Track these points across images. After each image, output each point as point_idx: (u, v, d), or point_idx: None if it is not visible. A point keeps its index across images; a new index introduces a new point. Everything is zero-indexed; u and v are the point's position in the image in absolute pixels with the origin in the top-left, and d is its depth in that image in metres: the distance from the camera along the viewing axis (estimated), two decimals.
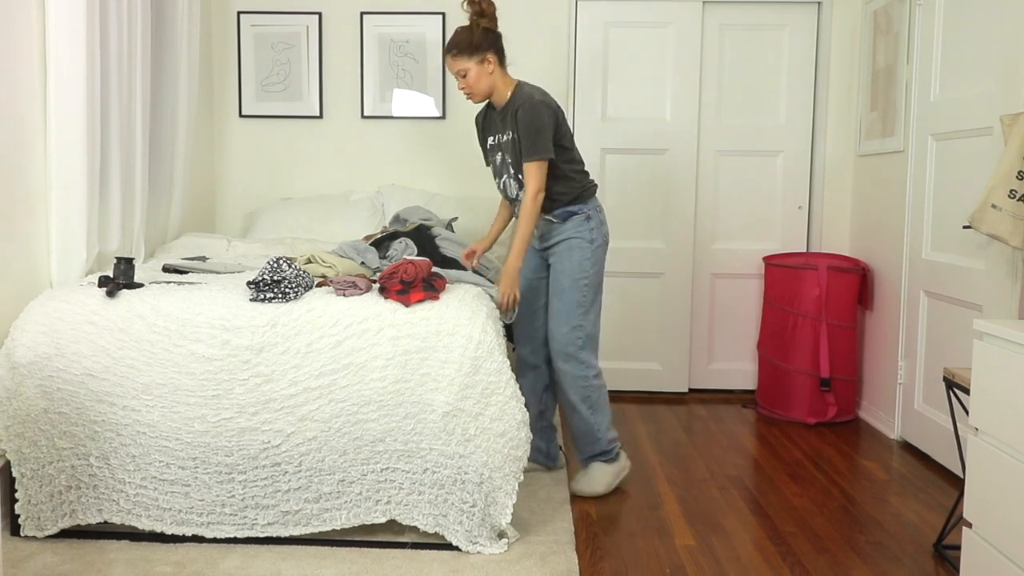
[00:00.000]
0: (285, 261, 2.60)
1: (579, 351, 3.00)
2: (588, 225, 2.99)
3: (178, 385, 2.51)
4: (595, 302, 3.02)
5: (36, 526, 2.55)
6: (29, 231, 2.76)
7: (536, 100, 2.90)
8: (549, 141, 2.89)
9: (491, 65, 2.95)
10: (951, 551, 2.60)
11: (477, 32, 2.93)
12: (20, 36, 2.68)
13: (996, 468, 1.94)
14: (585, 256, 2.99)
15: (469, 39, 2.93)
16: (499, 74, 2.98)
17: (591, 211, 3.01)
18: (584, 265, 2.98)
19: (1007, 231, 2.74)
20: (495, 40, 2.96)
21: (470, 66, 2.93)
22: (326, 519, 2.55)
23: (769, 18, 4.40)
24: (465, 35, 2.94)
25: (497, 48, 2.97)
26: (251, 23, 4.38)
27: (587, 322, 3.00)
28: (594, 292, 3.01)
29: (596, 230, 3.01)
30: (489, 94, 3.01)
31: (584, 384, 3.01)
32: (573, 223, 3.00)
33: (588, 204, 3.02)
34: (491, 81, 2.98)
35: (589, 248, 2.99)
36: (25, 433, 2.52)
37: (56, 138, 2.81)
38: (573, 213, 3.00)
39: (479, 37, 2.93)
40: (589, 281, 2.99)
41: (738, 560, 2.55)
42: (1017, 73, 2.89)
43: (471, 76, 2.95)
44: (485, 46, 2.93)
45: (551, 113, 2.92)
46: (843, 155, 4.42)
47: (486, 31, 2.94)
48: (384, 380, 2.50)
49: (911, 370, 3.68)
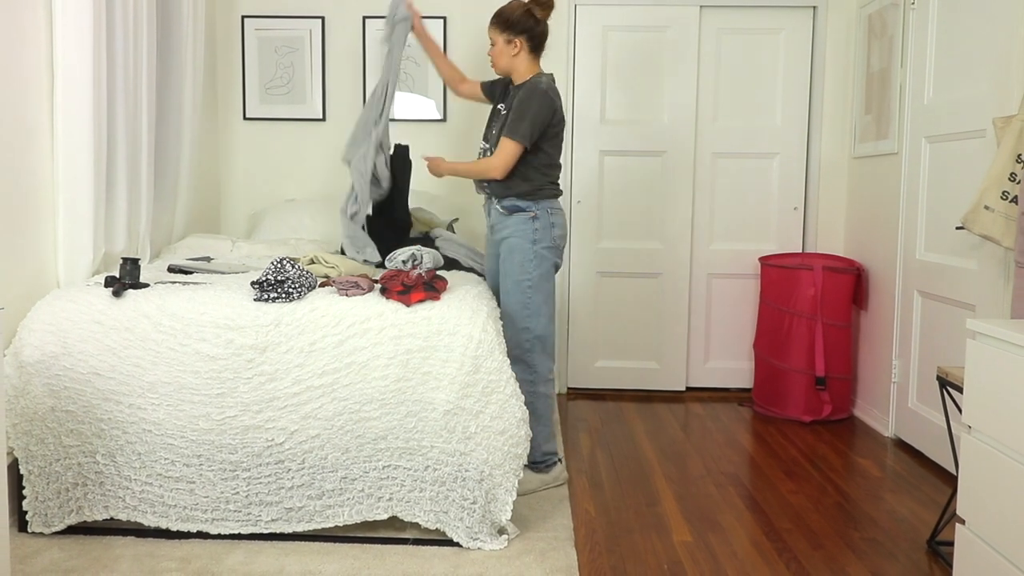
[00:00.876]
0: (288, 261, 2.60)
1: (526, 354, 2.97)
2: (532, 225, 2.95)
3: (183, 383, 2.51)
4: (545, 304, 2.97)
5: (43, 522, 2.55)
6: (36, 232, 2.76)
7: (539, 88, 2.90)
8: (529, 129, 2.88)
9: (517, 48, 2.97)
10: (945, 547, 2.60)
11: (518, 12, 2.96)
12: (28, 40, 2.68)
13: (989, 465, 1.93)
14: (527, 258, 2.94)
15: (508, 16, 2.97)
16: (524, 59, 3.00)
17: (540, 212, 2.96)
18: (527, 267, 2.94)
19: (999, 232, 2.74)
20: (532, 26, 2.96)
21: (498, 40, 2.99)
22: (329, 516, 2.55)
23: (765, 22, 4.40)
24: (508, 11, 2.98)
25: (531, 35, 2.97)
26: (255, 27, 4.37)
27: (535, 324, 2.95)
28: (542, 295, 2.96)
29: (542, 231, 2.95)
30: (507, 72, 3.04)
31: (528, 388, 2.98)
32: (517, 219, 2.96)
33: (539, 204, 2.96)
34: (512, 62, 3.00)
35: (531, 250, 2.94)
36: (32, 431, 2.52)
37: (63, 140, 2.81)
38: (520, 209, 2.96)
39: (517, 17, 2.96)
40: (533, 283, 2.94)
41: (735, 556, 2.55)
42: (1009, 76, 2.89)
43: (495, 49, 3.01)
44: (518, 29, 2.96)
45: (546, 105, 2.90)
46: (838, 157, 4.42)
47: (527, 14, 2.96)
48: (386, 379, 2.50)
49: (905, 369, 3.68)
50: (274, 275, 2.57)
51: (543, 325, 2.98)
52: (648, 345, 4.52)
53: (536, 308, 2.96)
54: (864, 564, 2.50)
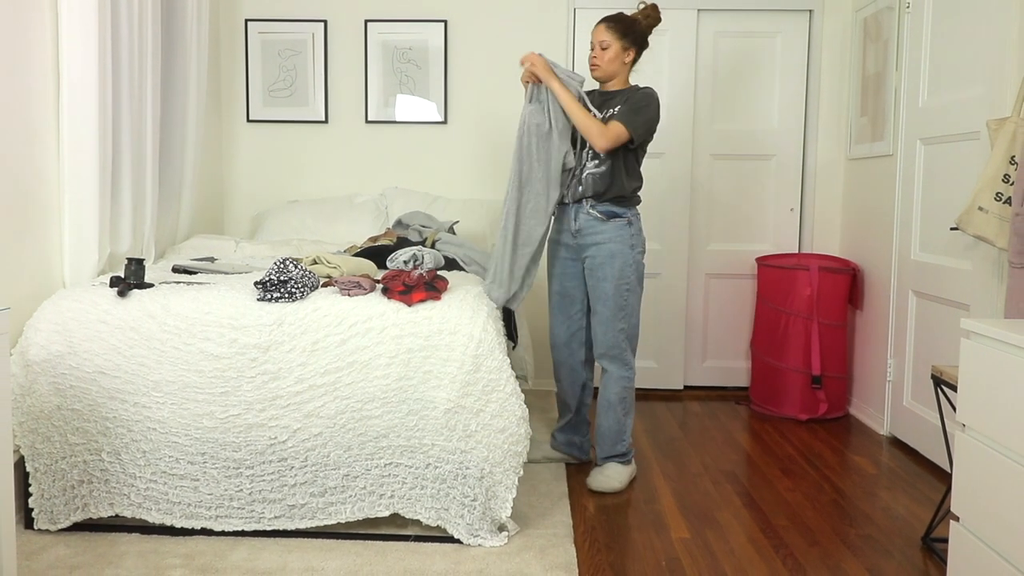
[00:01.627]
0: (291, 262, 2.60)
1: (623, 352, 3.05)
2: (629, 231, 3.01)
3: (187, 382, 2.51)
4: (637, 306, 3.07)
5: (49, 520, 2.55)
6: (42, 233, 2.76)
7: (655, 97, 2.98)
8: (643, 127, 2.94)
9: (629, 56, 3.02)
10: (939, 544, 2.60)
11: (643, 24, 3.02)
12: (34, 44, 2.68)
13: (982, 463, 1.93)
14: (627, 263, 3.00)
15: (631, 24, 3.00)
16: (627, 69, 3.05)
17: (633, 217, 3.03)
18: (626, 272, 3.00)
19: (993, 233, 2.74)
20: (643, 41, 3.03)
21: (614, 43, 2.99)
22: (331, 513, 2.55)
23: (762, 25, 4.40)
24: (629, 19, 3.01)
25: (641, 48, 3.04)
26: (258, 30, 4.37)
27: (628, 324, 3.04)
28: (636, 297, 3.05)
29: (636, 236, 3.03)
30: (610, 77, 3.05)
31: (625, 385, 3.07)
32: (614, 226, 3.00)
33: (632, 211, 3.04)
34: (620, 69, 3.03)
35: (631, 254, 3.01)
36: (39, 429, 2.52)
37: (69, 143, 2.81)
38: (616, 215, 3.00)
39: (641, 29, 3.01)
40: (631, 287, 3.02)
41: (732, 552, 2.55)
42: (1002, 79, 2.89)
43: (609, 53, 2.99)
44: (637, 39, 3.01)
45: (657, 114, 2.98)
46: (834, 159, 4.42)
47: (648, 30, 3.03)
48: (387, 377, 2.50)
49: (900, 368, 3.68)
50: (277, 275, 2.57)
51: (635, 326, 3.08)
52: (646, 344, 4.51)
53: (632, 310, 3.05)
54: (860, 560, 2.50)
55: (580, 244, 3.07)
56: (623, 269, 3.00)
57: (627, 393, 3.08)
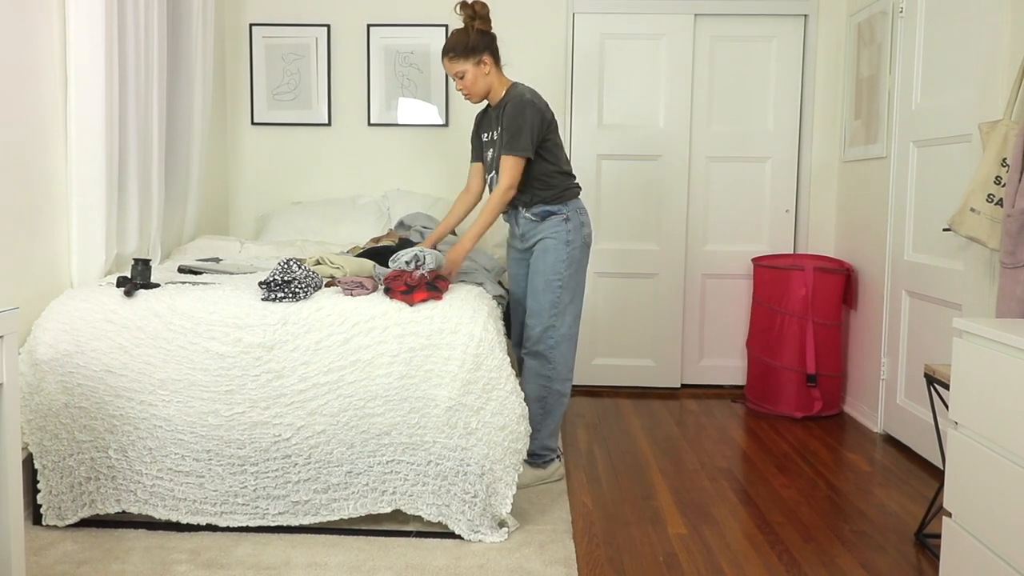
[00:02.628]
0: (295, 262, 2.60)
1: (549, 351, 2.94)
2: (566, 227, 2.93)
3: (193, 381, 2.51)
4: (572, 303, 2.95)
5: (57, 516, 2.55)
6: (51, 234, 2.76)
7: (525, 99, 2.86)
8: (529, 140, 2.84)
9: (487, 66, 2.91)
10: (932, 540, 2.60)
11: (472, 34, 2.88)
12: (42, 48, 2.68)
13: (975, 460, 1.93)
14: (559, 258, 2.92)
15: (465, 41, 2.88)
16: (495, 74, 2.94)
17: (570, 212, 2.94)
18: (558, 267, 2.92)
19: (985, 234, 2.74)
20: (490, 42, 2.91)
21: (467, 68, 2.90)
22: (334, 509, 2.55)
23: (758, 30, 4.40)
24: (461, 37, 2.88)
25: (492, 49, 2.92)
26: (263, 35, 4.37)
27: (561, 323, 2.93)
28: (570, 294, 2.94)
29: (574, 232, 2.93)
30: (486, 94, 2.97)
31: (544, 383, 2.97)
32: (551, 223, 2.94)
33: (568, 205, 2.95)
34: (488, 82, 2.94)
35: (565, 250, 2.92)
36: (47, 427, 2.52)
37: (77, 146, 2.81)
38: (552, 213, 2.94)
39: (475, 39, 2.88)
40: (563, 283, 2.92)
41: (728, 548, 2.55)
42: (994, 83, 2.89)
43: (468, 78, 2.91)
44: (480, 48, 2.89)
45: (537, 113, 2.86)
46: (828, 161, 4.42)
47: (481, 33, 2.89)
48: (390, 376, 2.50)
49: (893, 366, 3.68)
50: (281, 275, 2.57)
51: (568, 324, 2.95)
52: (644, 343, 4.51)
53: (563, 307, 2.93)
54: (854, 556, 2.50)
55: (525, 247, 3.05)
56: (555, 264, 2.92)
57: (546, 393, 2.97)
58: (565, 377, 2.99)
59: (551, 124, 2.94)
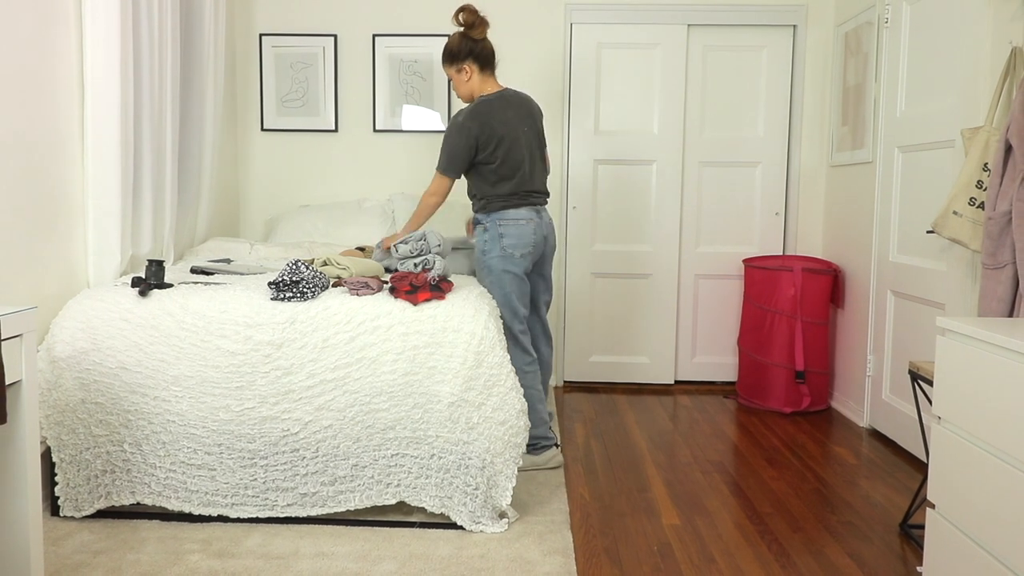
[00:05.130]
0: (303, 263, 2.60)
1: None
2: (483, 236, 2.99)
3: (205, 377, 2.51)
4: (503, 306, 2.96)
5: (74, 507, 2.55)
6: (68, 236, 2.76)
7: (457, 121, 2.92)
8: (452, 161, 2.93)
9: (468, 73, 2.97)
10: (916, 530, 2.60)
11: (456, 42, 2.95)
12: (60, 57, 2.68)
13: (957, 453, 1.94)
14: (479, 265, 3.01)
15: (450, 48, 2.97)
16: (478, 80, 2.99)
17: (490, 224, 2.98)
18: (480, 275, 3.02)
19: (967, 236, 2.74)
20: (472, 48, 2.94)
21: (451, 73, 3.01)
22: (341, 501, 2.55)
23: (748, 40, 4.40)
24: (448, 45, 2.98)
25: (475, 55, 2.94)
26: (272, 44, 4.38)
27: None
28: (498, 298, 2.96)
29: (491, 242, 2.96)
30: (470, 98, 3.03)
31: None
32: (477, 231, 3.04)
33: (489, 217, 2.98)
34: (469, 87, 3.00)
35: (481, 259, 2.99)
36: (64, 422, 2.52)
37: (93, 151, 2.81)
38: (478, 222, 3.04)
39: (457, 47, 2.95)
40: (488, 288, 2.97)
41: (720, 538, 2.55)
42: (976, 90, 2.89)
43: (454, 82, 3.02)
44: (463, 55, 2.95)
45: (464, 135, 2.89)
46: (816, 166, 4.42)
47: (465, 40, 2.94)
48: (394, 373, 2.50)
49: (879, 363, 3.68)
50: (289, 276, 2.57)
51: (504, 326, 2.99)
52: (639, 341, 4.52)
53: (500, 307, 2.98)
54: (841, 546, 2.50)
55: None
56: (479, 273, 3.02)
57: None
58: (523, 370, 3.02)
59: (483, 142, 2.91)
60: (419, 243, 2.79)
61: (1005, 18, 2.75)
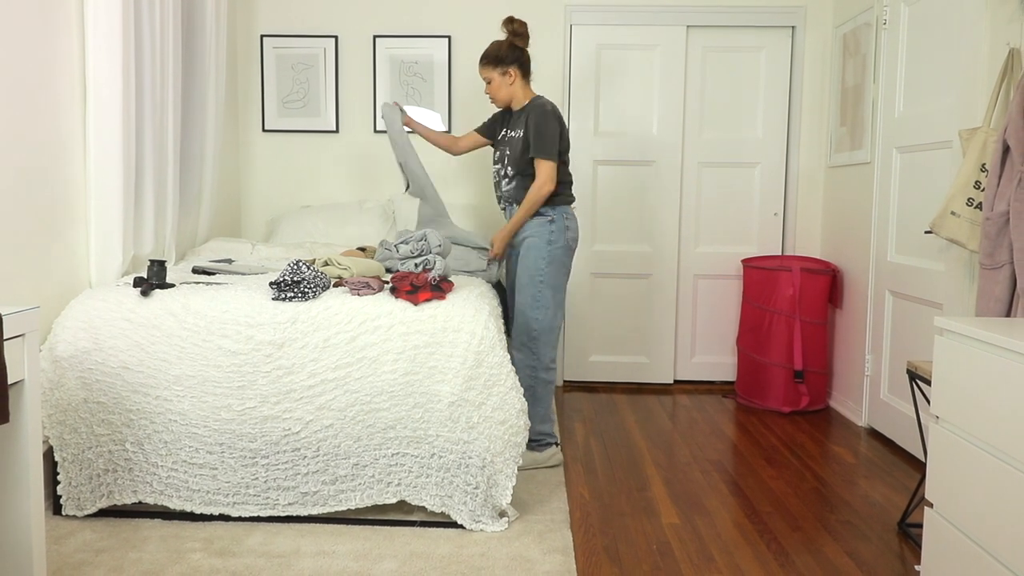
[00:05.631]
0: (304, 263, 2.60)
1: (531, 342, 3.04)
2: (549, 228, 3.01)
3: (206, 377, 2.51)
4: (553, 299, 3.02)
5: (76, 506, 2.55)
6: (70, 236, 2.76)
7: (549, 110, 2.99)
8: (555, 146, 2.97)
9: (512, 77, 3.06)
10: (914, 529, 2.60)
11: (505, 47, 3.04)
12: (62, 60, 2.68)
13: (955, 453, 1.94)
14: (541, 255, 3.00)
15: (497, 52, 3.04)
16: (520, 85, 3.09)
17: (556, 216, 3.02)
18: (539, 264, 3.00)
19: (965, 236, 2.74)
20: (519, 56, 3.05)
21: (494, 75, 3.07)
22: (342, 500, 2.55)
23: (747, 41, 4.40)
24: (495, 48, 3.05)
25: (520, 63, 3.06)
26: (273, 46, 4.38)
27: (543, 316, 3.01)
28: (551, 290, 3.02)
29: (557, 233, 3.01)
30: (508, 102, 3.12)
31: (530, 373, 3.06)
32: (536, 223, 3.03)
33: (556, 209, 3.04)
34: (511, 91, 3.09)
35: (546, 249, 3.00)
36: (66, 421, 2.52)
37: (95, 152, 2.81)
38: (539, 213, 3.04)
39: (505, 51, 3.03)
40: (545, 280, 3.00)
41: (719, 537, 2.55)
42: (974, 91, 2.89)
43: (493, 84, 3.08)
44: (509, 60, 3.04)
45: (560, 124, 3.00)
46: (815, 166, 4.42)
47: (512, 47, 3.04)
48: (395, 372, 2.50)
49: (877, 363, 3.68)
50: (291, 276, 2.57)
51: (550, 318, 3.03)
52: (638, 341, 4.52)
53: (545, 302, 3.02)
54: (839, 544, 2.50)
55: (515, 244, 3.13)
56: (537, 261, 3.01)
57: (533, 382, 3.07)
58: (548, 366, 3.07)
59: (566, 136, 3.07)
60: (420, 243, 2.79)
61: (1003, 20, 2.75)
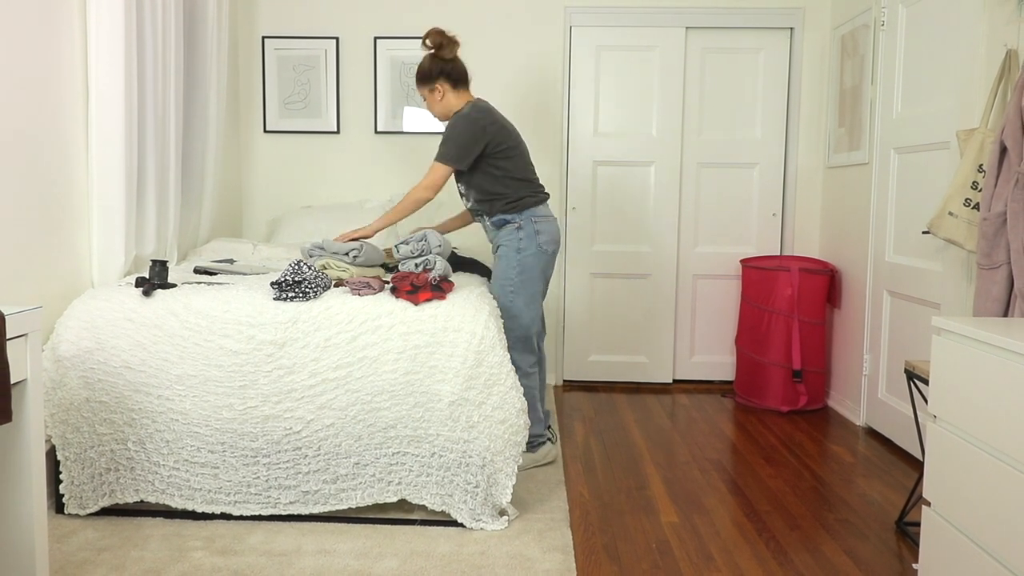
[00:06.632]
0: (305, 264, 2.60)
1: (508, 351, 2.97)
2: (518, 235, 2.96)
3: (208, 376, 2.51)
4: (527, 307, 2.96)
5: (78, 505, 2.55)
6: (72, 236, 2.76)
7: (463, 114, 2.92)
8: (458, 151, 2.88)
9: (440, 92, 3.01)
10: (912, 527, 2.60)
11: (427, 63, 3.00)
12: (64, 61, 2.68)
13: (952, 452, 1.94)
14: (510, 264, 2.96)
15: (421, 70, 3.02)
16: (452, 96, 3.02)
17: (524, 221, 2.96)
18: (509, 273, 2.96)
19: (962, 236, 2.74)
20: (443, 67, 2.99)
21: (424, 93, 3.05)
22: (342, 498, 2.55)
23: (746, 42, 4.40)
24: (420, 67, 3.03)
25: (446, 74, 2.99)
26: (274, 47, 4.37)
27: (515, 325, 2.97)
28: (522, 299, 2.96)
29: (527, 240, 2.95)
30: (447, 115, 3.05)
31: None
32: (506, 231, 2.99)
33: (522, 214, 2.97)
34: (444, 105, 3.03)
35: (515, 258, 2.95)
36: (69, 420, 2.52)
37: (97, 152, 2.81)
38: (506, 221, 2.99)
39: (428, 67, 3.00)
40: (515, 288, 2.95)
41: (718, 536, 2.55)
42: (971, 92, 2.89)
43: (428, 102, 3.05)
44: (434, 75, 3.00)
45: (471, 126, 2.88)
46: (813, 167, 4.42)
47: (435, 61, 2.99)
48: (395, 372, 2.50)
49: (875, 362, 3.68)
50: (292, 276, 2.57)
51: (524, 326, 2.98)
52: (638, 341, 4.51)
53: (518, 311, 2.96)
54: (837, 543, 2.50)
55: (494, 252, 3.11)
56: (507, 270, 2.96)
57: None
58: (528, 371, 3.03)
59: (495, 137, 2.92)
60: (420, 243, 2.79)
61: (1000, 21, 2.75)
